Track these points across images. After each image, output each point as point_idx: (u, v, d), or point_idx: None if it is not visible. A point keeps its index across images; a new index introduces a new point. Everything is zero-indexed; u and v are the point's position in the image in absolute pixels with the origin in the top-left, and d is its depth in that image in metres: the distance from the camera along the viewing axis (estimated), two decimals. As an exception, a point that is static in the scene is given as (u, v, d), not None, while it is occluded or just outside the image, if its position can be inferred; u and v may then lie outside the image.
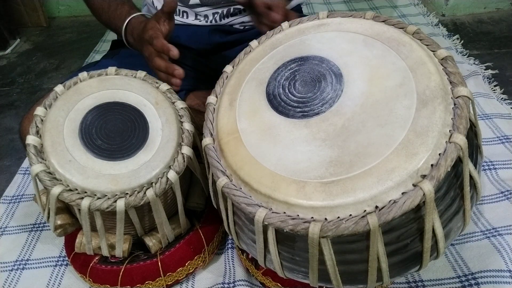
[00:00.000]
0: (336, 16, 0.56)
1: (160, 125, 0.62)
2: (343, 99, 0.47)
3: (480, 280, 0.65)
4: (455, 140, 0.41)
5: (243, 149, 0.48)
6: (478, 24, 1.48)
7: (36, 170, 0.56)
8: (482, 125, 0.97)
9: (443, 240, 0.44)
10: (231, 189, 0.47)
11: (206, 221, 0.72)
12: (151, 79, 0.67)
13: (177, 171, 0.59)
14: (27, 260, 0.78)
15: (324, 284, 0.48)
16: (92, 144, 0.58)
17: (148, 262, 0.66)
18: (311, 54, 0.53)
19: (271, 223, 0.43)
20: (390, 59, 0.48)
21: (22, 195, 0.93)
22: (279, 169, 0.45)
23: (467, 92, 0.43)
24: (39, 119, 0.60)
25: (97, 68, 0.67)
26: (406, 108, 0.44)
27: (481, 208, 0.77)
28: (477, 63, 1.22)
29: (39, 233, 0.84)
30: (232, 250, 0.76)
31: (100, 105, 0.62)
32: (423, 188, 0.39)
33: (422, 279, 0.67)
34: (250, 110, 0.52)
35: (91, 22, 1.79)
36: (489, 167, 0.85)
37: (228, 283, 0.70)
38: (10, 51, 1.62)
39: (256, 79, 0.54)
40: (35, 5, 1.74)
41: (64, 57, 1.56)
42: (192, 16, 0.83)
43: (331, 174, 0.42)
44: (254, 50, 0.59)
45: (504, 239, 0.69)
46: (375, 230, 0.40)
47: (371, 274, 0.44)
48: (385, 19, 0.53)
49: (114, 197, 0.56)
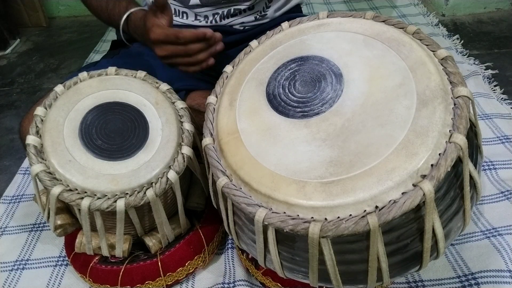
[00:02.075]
0: (336, 16, 0.56)
1: (160, 125, 0.62)
2: (343, 99, 0.47)
3: (480, 280, 0.65)
4: (455, 140, 0.41)
5: (243, 149, 0.48)
6: (478, 24, 1.48)
7: (36, 170, 0.56)
8: (482, 125, 0.97)
9: (443, 240, 0.44)
10: (231, 189, 0.47)
11: (206, 221, 0.72)
12: (151, 79, 0.67)
13: (177, 171, 0.59)
14: (27, 260, 0.78)
15: (324, 284, 0.48)
16: (92, 144, 0.58)
17: (148, 262, 0.66)
18: (311, 54, 0.53)
19: (271, 223, 0.43)
20: (390, 59, 0.48)
21: (22, 195, 0.93)
22: (279, 169, 0.45)
23: (467, 92, 0.43)
24: (39, 119, 0.60)
25: (97, 68, 0.67)
26: (406, 108, 0.44)
27: (481, 208, 0.77)
28: (477, 63, 1.22)
29: (39, 233, 0.84)
30: (232, 250, 0.76)
31: (100, 105, 0.62)
32: (423, 188, 0.39)
33: (422, 279, 0.67)
34: (250, 110, 0.52)
35: (91, 22, 1.79)
36: (489, 167, 0.85)
37: (228, 283, 0.70)
38: (10, 51, 1.62)
39: (256, 79, 0.54)
40: (35, 5, 1.74)
41: (64, 57, 1.56)
42: (192, 16, 0.83)
43: (331, 174, 0.42)
44: (254, 50, 0.59)
45: (504, 239, 0.69)
46: (375, 230, 0.40)
47: (371, 274, 0.44)
48: (385, 19, 0.53)
49: (114, 197, 0.56)
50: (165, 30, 0.64)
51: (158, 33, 0.64)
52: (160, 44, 0.65)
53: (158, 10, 0.65)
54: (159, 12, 0.65)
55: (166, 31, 0.64)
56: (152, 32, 0.65)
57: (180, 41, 0.64)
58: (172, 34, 0.63)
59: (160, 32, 0.64)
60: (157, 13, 0.65)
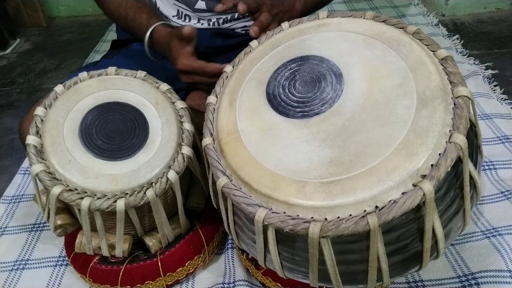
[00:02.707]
0: (336, 16, 0.56)
1: (160, 125, 0.62)
2: (343, 99, 0.47)
3: (480, 280, 0.65)
4: (455, 140, 0.41)
5: (243, 149, 0.48)
6: (478, 24, 1.48)
7: (36, 170, 0.56)
8: (482, 125, 0.97)
9: (443, 240, 0.44)
10: (231, 189, 0.47)
11: (206, 221, 0.72)
12: (151, 79, 0.67)
13: (177, 171, 0.59)
14: (27, 260, 0.78)
15: (324, 284, 0.48)
16: (92, 144, 0.58)
17: (148, 262, 0.66)
18: (311, 54, 0.53)
19: (271, 223, 0.43)
20: (390, 59, 0.48)
21: (22, 195, 0.93)
22: (279, 169, 0.45)
23: (467, 92, 0.43)
24: (39, 119, 0.60)
25: (97, 68, 0.67)
26: (406, 108, 0.44)
27: (481, 208, 0.77)
28: (477, 63, 1.22)
29: (39, 233, 0.84)
30: (232, 250, 0.76)
31: (100, 105, 0.62)
32: (423, 188, 0.39)
33: (422, 279, 0.67)
34: (250, 110, 0.52)
35: (91, 22, 1.79)
36: (489, 167, 0.85)
37: (228, 283, 0.70)
38: (10, 51, 1.62)
39: (256, 79, 0.54)
40: (35, 5, 1.74)
41: (64, 57, 1.56)
42: (194, 19, 0.83)
43: (331, 174, 0.42)
44: (254, 50, 0.59)
45: (504, 239, 0.69)
46: (375, 230, 0.40)
47: (371, 274, 0.44)
48: (385, 19, 0.53)
49: (114, 197, 0.56)
50: (192, 63, 0.65)
51: (186, 64, 0.65)
52: (187, 74, 0.66)
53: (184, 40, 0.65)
54: (185, 41, 0.66)
55: (193, 64, 0.65)
56: (179, 63, 0.66)
57: (206, 75, 0.65)
58: (198, 68, 0.65)
59: (188, 64, 0.65)
60: (183, 41, 0.66)
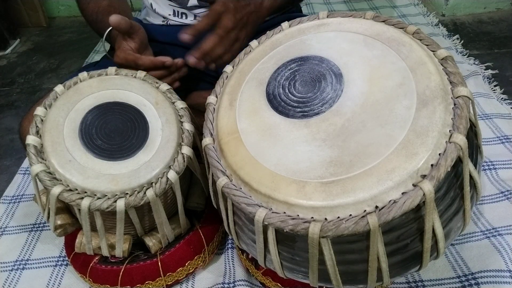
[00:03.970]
0: (336, 16, 0.56)
1: (160, 125, 0.62)
2: (343, 99, 0.47)
3: (480, 280, 0.65)
4: (455, 140, 0.41)
5: (243, 149, 0.48)
6: (478, 24, 1.48)
7: (36, 170, 0.56)
8: (482, 125, 0.97)
9: (443, 240, 0.44)
10: (231, 189, 0.47)
11: (206, 221, 0.72)
12: (151, 79, 0.67)
13: (177, 171, 0.59)
14: (27, 260, 0.78)
15: (324, 284, 0.48)
16: (92, 144, 0.58)
17: (148, 262, 0.66)
18: (311, 54, 0.53)
19: (271, 223, 0.43)
20: (390, 59, 0.48)
21: (22, 195, 0.93)
22: (279, 169, 0.45)
23: (467, 92, 0.43)
24: (39, 119, 0.60)
25: (97, 68, 0.67)
26: (406, 108, 0.44)
27: (481, 208, 0.77)
28: (477, 63, 1.22)
29: (39, 233, 0.84)
30: (232, 250, 0.76)
31: (100, 105, 0.62)
32: (423, 188, 0.39)
33: (422, 279, 0.67)
34: (250, 110, 0.52)
35: (91, 22, 1.79)
36: (489, 167, 0.85)
37: (228, 283, 0.70)
38: (10, 51, 1.62)
39: (256, 79, 0.54)
40: (35, 5, 1.74)
41: (64, 57, 1.56)
42: (191, 16, 0.83)
43: (331, 174, 0.42)
44: (254, 50, 0.59)
45: (504, 239, 0.69)
46: (375, 230, 0.40)
47: (371, 274, 0.44)
48: (385, 19, 0.53)
49: (114, 197, 0.56)
50: (126, 55, 0.67)
51: (120, 57, 0.67)
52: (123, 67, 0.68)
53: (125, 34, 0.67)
54: (126, 35, 0.67)
55: (127, 56, 0.67)
56: (116, 56, 0.68)
57: (140, 68, 0.67)
58: (131, 60, 0.67)
59: (122, 57, 0.67)
60: (125, 37, 0.67)
